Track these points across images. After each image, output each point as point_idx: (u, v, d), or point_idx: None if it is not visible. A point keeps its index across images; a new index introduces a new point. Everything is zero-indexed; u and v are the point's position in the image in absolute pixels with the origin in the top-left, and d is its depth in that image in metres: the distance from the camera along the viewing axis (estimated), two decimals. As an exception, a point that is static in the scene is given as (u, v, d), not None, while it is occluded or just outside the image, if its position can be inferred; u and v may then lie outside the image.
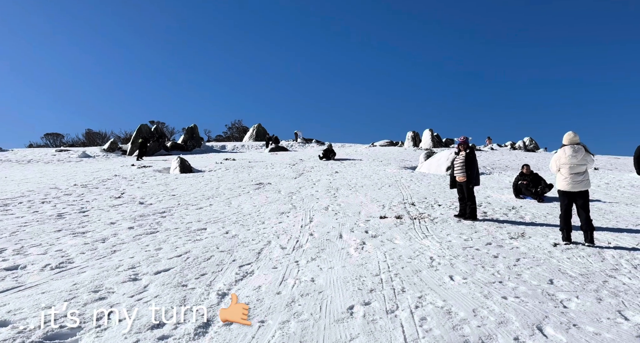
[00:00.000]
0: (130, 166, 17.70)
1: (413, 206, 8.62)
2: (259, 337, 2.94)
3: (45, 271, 4.35)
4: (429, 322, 3.22)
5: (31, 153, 24.79)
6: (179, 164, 15.93)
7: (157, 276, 4.24)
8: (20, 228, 6.41)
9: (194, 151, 27.52)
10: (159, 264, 4.69)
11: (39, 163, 20.19)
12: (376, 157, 21.73)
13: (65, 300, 3.50)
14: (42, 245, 5.48)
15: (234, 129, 45.99)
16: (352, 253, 5.20)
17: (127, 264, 4.66)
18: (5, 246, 5.30)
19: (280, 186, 11.77)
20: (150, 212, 8.01)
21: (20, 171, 15.77)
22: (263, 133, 36.02)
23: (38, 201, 8.98)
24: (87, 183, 12.03)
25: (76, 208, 8.36)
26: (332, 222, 7.11)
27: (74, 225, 6.82)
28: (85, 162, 21.14)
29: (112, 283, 3.99)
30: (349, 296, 3.71)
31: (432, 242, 5.77)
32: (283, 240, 5.93)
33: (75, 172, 15.35)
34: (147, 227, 6.74)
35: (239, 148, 30.36)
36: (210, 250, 5.35)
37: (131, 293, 3.73)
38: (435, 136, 30.76)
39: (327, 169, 16.47)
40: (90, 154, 24.48)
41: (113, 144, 27.35)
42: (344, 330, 3.08)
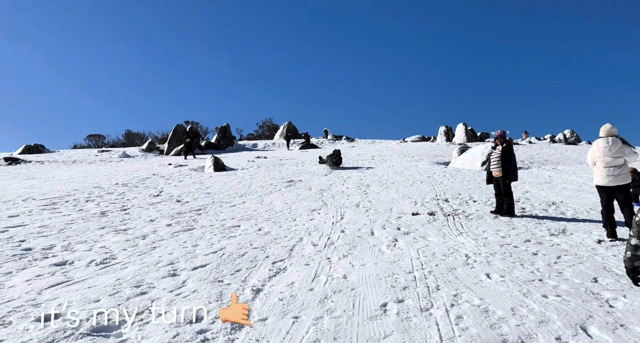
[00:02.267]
0: (167, 165, 18.32)
1: (447, 203, 8.45)
2: (294, 333, 2.99)
3: (90, 267, 4.58)
4: (465, 320, 3.16)
5: (76, 154, 26.14)
6: (213, 162, 16.32)
7: (195, 272, 4.37)
8: (67, 226, 6.78)
9: (226, 150, 28.12)
10: (196, 260, 4.84)
11: (83, 163, 21.24)
12: (407, 153, 21.42)
13: (109, 294, 3.68)
14: (88, 241, 5.78)
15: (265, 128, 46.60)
16: (384, 250, 5.16)
17: (166, 260, 4.83)
18: (55, 243, 5.62)
19: (311, 184, 11.83)
20: (186, 210, 8.27)
21: (66, 171, 16.67)
22: (293, 130, 36.29)
23: (83, 199, 9.46)
24: (128, 182, 12.55)
25: (118, 206, 8.75)
26: (364, 219, 7.08)
27: (116, 222, 7.14)
28: (125, 162, 22.06)
29: (152, 279, 4.15)
30: (382, 294, 3.69)
31: (468, 239, 5.64)
32: (314, 236, 5.97)
33: (116, 171, 16.06)
34: (184, 224, 6.96)
35: (270, 146, 30.74)
36: (244, 246, 5.46)
37: (170, 288, 3.87)
38: (469, 131, 29.95)
39: (357, 165, 16.41)
40: (130, 154, 25.52)
41: (151, 145, 28.38)
42: (378, 327, 3.07)
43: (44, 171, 17.01)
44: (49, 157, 23.81)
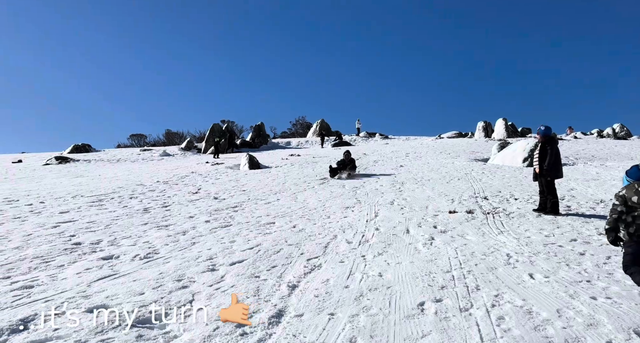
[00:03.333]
0: (205, 164, 18.86)
1: (486, 200, 8.19)
2: (330, 329, 3.00)
3: (135, 261, 4.79)
4: (507, 321, 3.05)
5: (120, 153, 27.42)
6: (248, 161, 16.64)
7: (232, 267, 4.48)
8: (113, 222, 7.13)
9: (261, 148, 28.58)
10: (233, 256, 4.95)
11: (127, 162, 22.25)
12: (443, 149, 20.93)
13: (153, 287, 3.84)
14: (132, 237, 6.05)
15: (298, 126, 46.95)
16: (420, 249, 5.08)
17: (206, 255, 4.98)
18: (102, 238, 5.92)
19: (345, 181, 11.81)
20: (224, 206, 8.48)
21: (111, 170, 17.52)
22: (326, 128, 36.34)
23: (127, 196, 9.91)
24: (168, 180, 13.03)
25: (159, 203, 9.09)
26: (398, 217, 6.99)
27: (158, 218, 7.43)
28: (165, 160, 22.92)
29: (193, 273, 4.29)
30: (419, 293, 3.63)
31: (509, 238, 5.44)
32: (349, 234, 5.96)
33: (157, 170, 16.70)
34: (221, 221, 7.14)
35: (303, 144, 30.94)
36: (279, 243, 5.53)
37: (210, 283, 3.98)
38: (509, 126, 28.88)
39: (392, 162, 16.21)
40: (170, 153, 26.47)
41: (189, 143, 29.32)
42: (415, 326, 3.02)
43: (90, 170, 17.96)
44: (95, 156, 25.11)
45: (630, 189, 3.39)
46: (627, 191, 3.42)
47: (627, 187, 3.46)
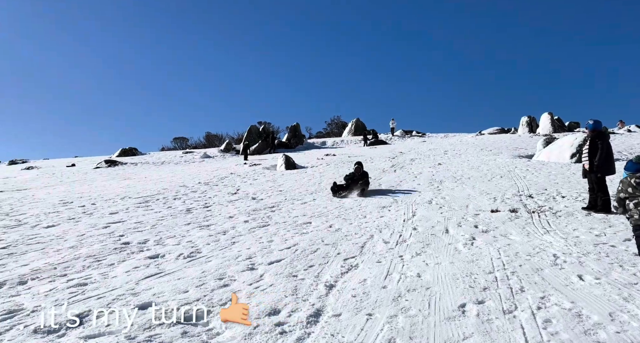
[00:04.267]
0: (243, 165, 19.30)
1: (530, 199, 7.85)
2: (368, 329, 2.99)
3: (179, 260, 4.99)
4: (554, 324, 2.92)
5: (164, 156, 28.59)
6: (284, 161, 16.86)
7: (271, 267, 4.56)
8: (159, 222, 7.45)
9: (297, 149, 28.86)
10: (271, 255, 5.05)
11: (170, 164, 23.17)
12: (484, 146, 20.25)
13: (196, 286, 3.98)
14: (176, 236, 6.30)
15: (333, 125, 46.94)
16: (460, 249, 4.95)
17: (245, 254, 5.10)
18: (148, 238, 6.21)
19: (381, 180, 11.70)
20: (261, 207, 8.65)
21: (156, 172, 18.32)
22: (362, 127, 36.12)
23: (171, 197, 10.33)
24: (209, 181, 13.45)
25: (201, 203, 9.41)
26: (437, 216, 6.84)
27: (200, 218, 7.69)
28: (206, 162, 23.66)
29: (233, 272, 4.41)
30: (460, 294, 3.54)
31: (556, 238, 5.19)
32: (386, 234, 5.91)
33: (198, 171, 17.28)
34: (259, 221, 7.29)
35: (339, 144, 30.94)
36: (316, 242, 5.57)
37: (250, 282, 4.08)
38: (555, 120, 27.49)
39: (429, 161, 15.89)
40: (210, 155, 27.31)
41: (228, 145, 30.10)
42: (456, 328, 2.96)
43: (137, 172, 18.87)
44: (141, 159, 26.32)
45: (624, 183, 4.27)
46: (622, 185, 4.29)
47: (622, 181, 4.32)
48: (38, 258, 5.16)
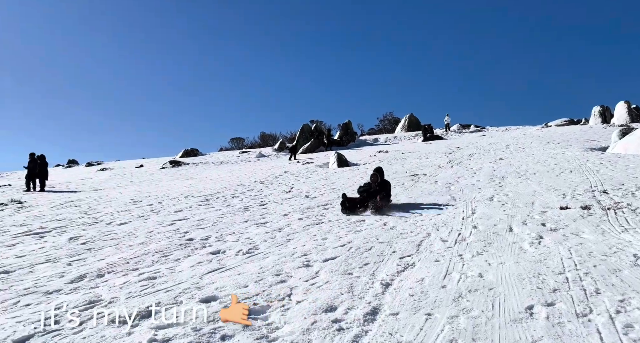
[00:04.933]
0: (296, 163, 19.63)
1: (605, 194, 7.21)
2: (428, 330, 2.91)
3: (239, 256, 5.18)
4: (637, 330, 2.66)
5: (222, 156, 29.86)
6: (337, 159, 16.91)
7: (326, 264, 4.59)
8: (219, 219, 7.79)
9: (349, 146, 28.80)
10: (326, 252, 5.08)
11: (228, 164, 24.13)
12: (551, 139, 18.93)
13: (255, 281, 4.11)
14: (235, 233, 6.54)
15: (386, 122, 46.26)
16: (526, 248, 4.66)
17: (300, 251, 5.18)
18: (210, 234, 6.51)
19: (437, 177, 11.34)
20: (315, 204, 8.73)
21: (215, 172, 19.17)
22: (416, 123, 35.23)
23: (229, 196, 10.75)
24: (264, 180, 13.84)
25: (257, 201, 9.71)
26: (499, 214, 6.50)
27: (257, 216, 7.93)
28: (261, 161, 24.37)
29: (289, 268, 4.49)
30: (527, 295, 3.34)
31: (636, 236, 4.72)
32: (443, 232, 5.71)
33: (254, 170, 17.84)
34: (313, 218, 7.37)
35: (391, 140, 30.43)
36: (370, 240, 5.52)
37: (306, 278, 4.14)
38: (633, 109, 25.04)
39: (489, 156, 15.15)
40: (265, 154, 28.08)
41: (281, 144, 30.76)
42: (524, 331, 2.79)
43: (198, 172, 19.86)
44: (202, 159, 27.67)
45: None
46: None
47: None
48: (113, 253, 5.59)
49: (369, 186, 7.95)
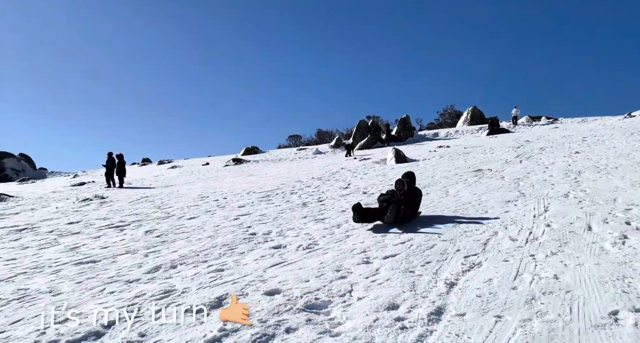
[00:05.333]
0: (353, 160, 19.58)
1: None
2: (498, 333, 2.77)
3: (299, 251, 5.28)
4: None
5: (281, 153, 30.61)
6: (394, 155, 16.61)
7: (386, 261, 4.53)
8: (279, 215, 8.00)
9: (407, 141, 28.16)
10: (386, 249, 5.01)
11: (286, 161, 24.69)
12: (635, 129, 17.13)
13: (316, 276, 4.17)
14: (295, 228, 6.68)
15: (446, 115, 44.59)
16: (608, 249, 4.26)
17: (359, 248, 5.16)
18: (271, 229, 6.71)
19: (503, 172, 10.73)
20: (373, 201, 8.65)
21: (274, 169, 19.70)
22: (479, 116, 33.59)
23: (288, 192, 11.00)
24: (321, 176, 13.97)
25: (315, 197, 9.83)
26: (576, 211, 6.00)
27: (315, 212, 8.03)
28: (318, 158, 24.63)
29: (349, 264, 4.50)
30: (610, 300, 3.05)
31: None
32: (512, 230, 5.39)
33: (311, 167, 18.08)
34: (372, 215, 7.30)
35: (453, 134, 29.27)
36: (432, 238, 5.36)
37: (366, 275, 4.12)
38: None
39: (563, 149, 14.04)
40: (322, 151, 28.34)
41: (338, 141, 30.86)
42: (607, 338, 2.56)
43: (259, 169, 20.54)
44: (262, 157, 28.57)
45: None
46: None
47: None
48: (184, 246, 5.96)
49: (392, 195, 6.51)
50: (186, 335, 2.97)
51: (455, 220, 6.27)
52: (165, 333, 3.01)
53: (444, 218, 6.48)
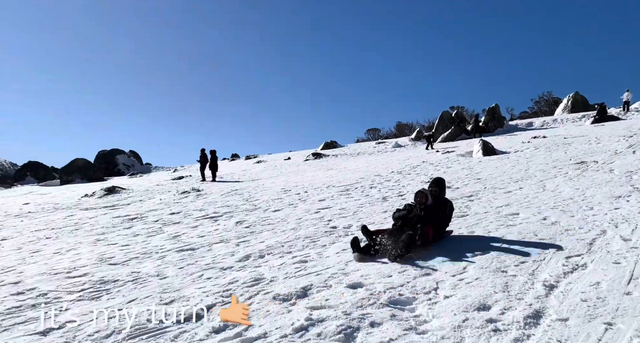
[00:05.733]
0: (435, 153, 18.85)
1: None
2: (608, 341, 2.48)
3: (381, 245, 5.24)
4: None
5: (359, 147, 30.58)
6: (482, 146, 15.63)
7: (474, 259, 4.30)
8: (359, 209, 8.01)
9: (495, 132, 26.28)
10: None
11: (365, 155, 24.60)
12: None
13: (398, 271, 4.10)
14: (375, 223, 6.64)
15: (542, 103, 40.72)
16: None
17: (445, 244, 4.96)
18: (351, 223, 6.75)
19: (612, 164, 9.53)
20: (458, 196, 8.26)
21: (353, 163, 19.76)
22: (582, 102, 30.14)
23: (367, 186, 10.96)
24: (401, 170, 13.68)
25: (395, 192, 9.66)
26: None
27: (396, 206, 7.89)
28: (397, 151, 24.15)
29: (433, 262, 4.35)
30: None
31: None
32: (624, 229, 4.78)
33: (391, 161, 17.79)
34: (457, 210, 6.95)
35: (550, 123, 26.64)
36: (526, 236, 4.97)
37: (452, 273, 3.95)
38: None
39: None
40: (401, 144, 27.72)
41: (419, 133, 29.90)
42: None
43: (338, 163, 20.76)
44: (340, 151, 28.81)
45: None
46: None
47: None
48: (270, 237, 6.27)
49: (409, 211, 5.09)
50: (275, 321, 3.13)
51: (553, 217, 5.73)
52: (256, 319, 3.21)
53: (540, 215, 5.96)
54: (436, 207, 5.10)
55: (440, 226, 5.06)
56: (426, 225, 4.76)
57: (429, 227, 4.78)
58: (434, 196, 5.19)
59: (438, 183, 5.42)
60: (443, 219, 5.13)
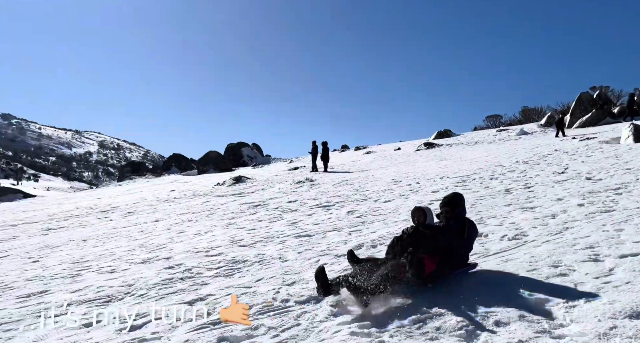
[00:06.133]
0: (571, 140, 16.59)
1: None
2: None
3: (504, 241, 4.85)
4: None
5: (477, 135, 28.49)
6: (633, 132, 13.25)
7: (623, 261, 3.70)
8: (477, 201, 7.50)
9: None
10: (622, 247, 4.10)
11: (484, 143, 22.83)
12: None
13: (527, 270, 3.75)
14: (497, 217, 6.15)
15: None
16: None
17: (583, 243, 4.37)
18: (469, 216, 6.36)
19: None
20: (600, 188, 7.16)
21: (470, 152, 18.51)
22: None
23: (487, 177, 10.17)
24: (528, 160, 12.36)
25: (521, 183, 8.78)
26: None
27: (522, 200, 7.19)
28: (523, 139, 21.84)
29: (570, 261, 3.86)
30: None
31: None
32: None
33: (515, 149, 16.19)
34: (599, 205, 6.06)
35: None
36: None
37: (595, 275, 3.46)
38: None
39: None
40: (528, 131, 24.99)
41: (550, 119, 26.58)
42: None
43: (452, 153, 19.67)
44: (455, 140, 27.22)
45: None
46: None
47: None
48: (381, 227, 6.28)
49: (402, 238, 3.76)
50: (391, 312, 3.14)
51: None
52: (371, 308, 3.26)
53: None
54: (444, 228, 3.80)
55: (451, 256, 3.66)
56: (420, 251, 3.43)
57: (429, 256, 3.50)
58: (445, 217, 3.97)
59: (449, 202, 4.06)
60: (456, 245, 3.74)
